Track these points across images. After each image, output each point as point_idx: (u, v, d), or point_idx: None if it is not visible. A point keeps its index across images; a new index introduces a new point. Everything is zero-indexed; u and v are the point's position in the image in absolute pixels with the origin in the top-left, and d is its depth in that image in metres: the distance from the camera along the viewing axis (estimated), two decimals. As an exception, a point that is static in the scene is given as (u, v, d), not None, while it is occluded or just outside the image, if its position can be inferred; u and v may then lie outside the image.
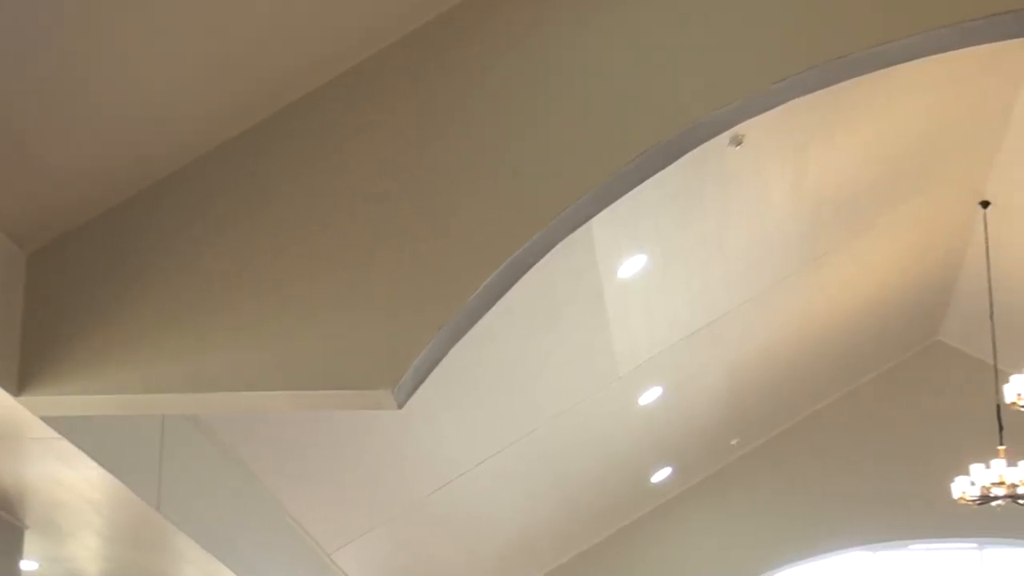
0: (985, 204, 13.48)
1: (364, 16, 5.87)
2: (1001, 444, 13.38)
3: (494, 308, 6.06)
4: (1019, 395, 10.53)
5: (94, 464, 6.92)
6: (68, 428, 6.52)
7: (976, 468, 13.10)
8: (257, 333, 5.75)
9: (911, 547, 17.12)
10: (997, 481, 12.90)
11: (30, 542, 8.07)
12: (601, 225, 9.42)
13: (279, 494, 10.11)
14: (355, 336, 5.70)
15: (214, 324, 5.76)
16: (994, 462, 13.03)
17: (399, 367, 5.63)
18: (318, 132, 5.93)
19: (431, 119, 5.87)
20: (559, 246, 6.06)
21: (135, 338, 5.76)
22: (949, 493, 13.40)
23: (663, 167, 5.98)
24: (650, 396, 13.39)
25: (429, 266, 5.74)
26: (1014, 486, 12.84)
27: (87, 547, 8.52)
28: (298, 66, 5.88)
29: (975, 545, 16.94)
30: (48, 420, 6.24)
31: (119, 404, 5.91)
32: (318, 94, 5.95)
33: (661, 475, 15.92)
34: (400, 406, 5.79)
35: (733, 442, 16.45)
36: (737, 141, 9.65)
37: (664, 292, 11.55)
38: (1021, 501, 12.92)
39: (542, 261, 6.07)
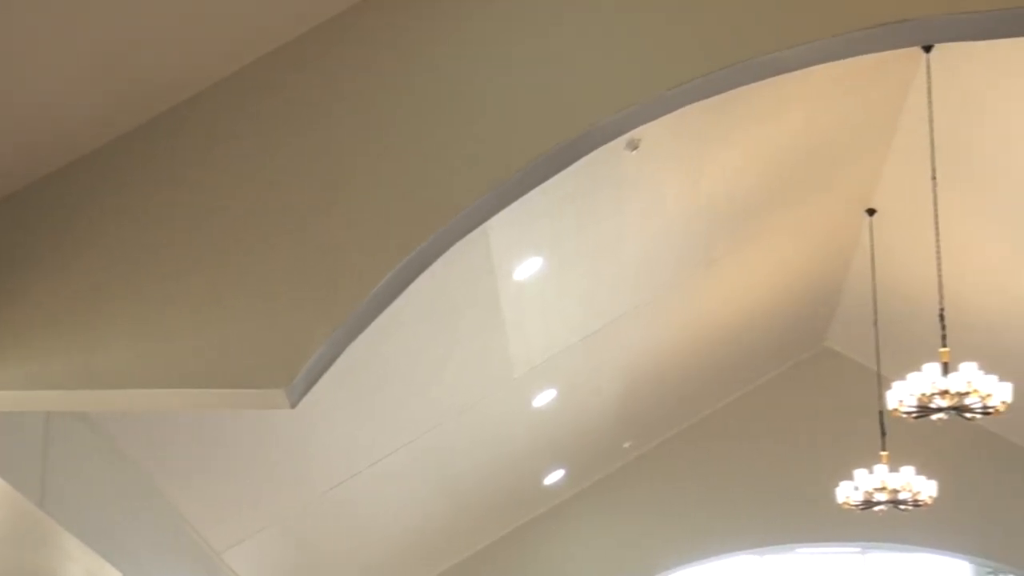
0: (871, 212, 13.67)
1: (261, 12, 5.84)
2: (884, 450, 13.63)
3: (389, 308, 6.06)
4: (901, 402, 10.73)
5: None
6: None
7: (860, 473, 13.29)
8: (147, 330, 5.69)
9: (797, 550, 17.38)
10: (880, 486, 13.10)
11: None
12: (497, 227, 9.46)
13: (170, 492, 10.01)
14: (248, 334, 5.67)
15: (103, 320, 5.70)
16: (877, 468, 13.24)
17: (292, 366, 5.61)
18: (211, 128, 5.90)
19: (327, 116, 5.87)
20: (456, 247, 6.08)
21: (20, 334, 5.68)
22: (834, 498, 13.60)
23: (559, 170, 6.03)
24: (544, 398, 13.45)
25: (324, 265, 5.73)
26: (895, 491, 13.04)
27: (-33, 545, 8.37)
28: (189, 63, 5.83)
29: (858, 549, 17.24)
30: (-74, 416, 6.14)
31: (3, 401, 5.82)
32: (212, 90, 5.91)
33: (554, 477, 16.00)
34: (293, 406, 5.77)
35: (626, 445, 16.58)
36: (633, 145, 9.74)
37: (559, 295, 11.61)
38: (902, 506, 13.14)
39: (438, 262, 6.09)
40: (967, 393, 10.49)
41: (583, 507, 17.02)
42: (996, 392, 10.51)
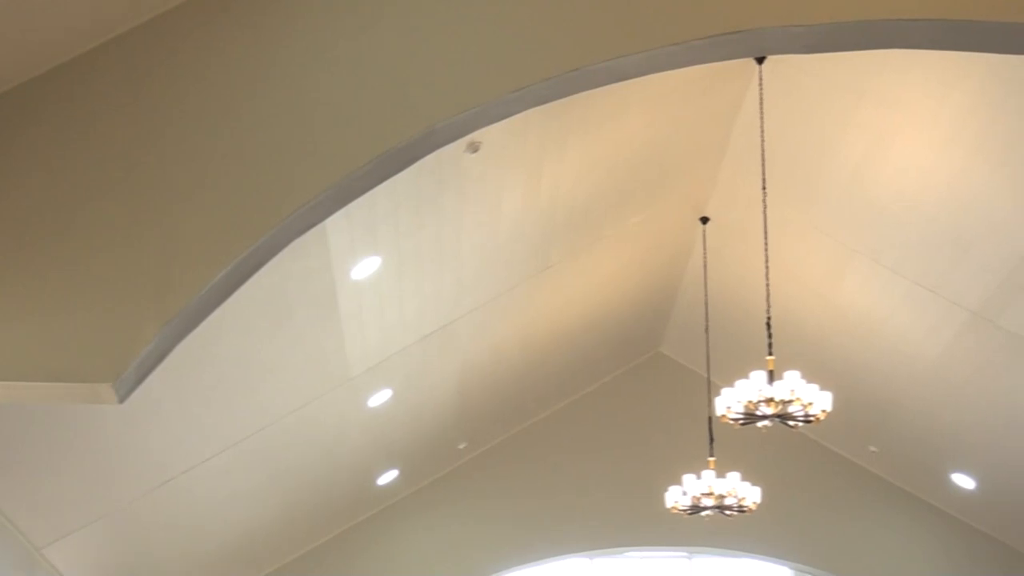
0: (705, 220, 13.92)
1: (80, 11, 5.73)
2: (712, 456, 13.88)
3: (224, 305, 6.01)
4: (728, 408, 10.94)
5: None
6: None
7: (688, 479, 13.50)
8: (-27, 320, 5.56)
9: (626, 554, 17.61)
10: (707, 492, 13.32)
11: None
12: (336, 226, 9.42)
13: (-11, 488, 9.75)
14: (77, 329, 5.59)
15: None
16: (705, 473, 13.46)
17: (121, 362, 5.54)
18: (36, 124, 5.78)
19: (162, 112, 5.80)
20: (292, 246, 6.06)
21: None
22: (663, 502, 13.80)
23: (399, 171, 6.05)
24: (380, 398, 13.42)
25: (157, 261, 5.66)
26: (722, 497, 13.27)
27: None
28: (11, 58, 5.70)
29: (685, 554, 17.54)
30: None
31: None
32: (41, 82, 5.79)
33: (388, 477, 15.97)
34: (121, 401, 5.69)
35: (461, 446, 16.62)
36: (474, 148, 9.78)
37: (397, 295, 11.60)
38: (728, 512, 13.39)
39: (275, 260, 6.06)
40: (790, 401, 10.74)
41: (416, 508, 17.03)
42: (817, 401, 10.77)
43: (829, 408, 10.84)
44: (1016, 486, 15.27)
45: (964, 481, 15.95)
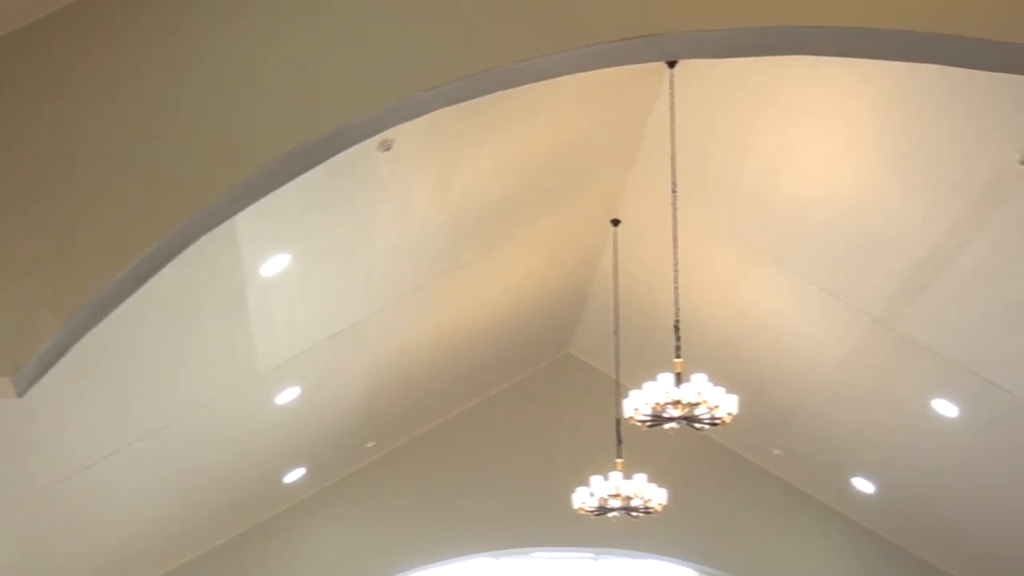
0: (616, 222, 14.00)
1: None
2: (619, 457, 13.96)
3: (131, 299, 5.95)
4: (636, 410, 11.01)
5: None
6: None
7: (596, 480, 13.56)
8: None
9: (533, 554, 17.66)
10: (614, 493, 13.39)
11: None
12: (246, 222, 9.36)
13: None
14: (-25, 320, 5.50)
15: None
16: (612, 474, 13.53)
17: (21, 355, 5.47)
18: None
19: (72, 101, 5.73)
20: (201, 241, 6.01)
21: None
22: (571, 503, 13.85)
23: (310, 167, 6.03)
24: (288, 395, 13.35)
25: (61, 254, 5.59)
26: (628, 498, 13.35)
27: None
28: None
29: (592, 554, 17.63)
30: None
31: None
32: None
33: (295, 475, 15.88)
34: (20, 395, 5.62)
35: (369, 444, 16.58)
36: (386, 147, 9.77)
37: (307, 292, 11.55)
38: (634, 513, 13.47)
39: (183, 255, 6.01)
40: (697, 404, 10.83)
41: (323, 506, 16.96)
42: (723, 404, 10.87)
43: (735, 411, 10.95)
44: (913, 491, 15.53)
45: (864, 485, 16.19)
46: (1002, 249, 10.84)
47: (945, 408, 13.47)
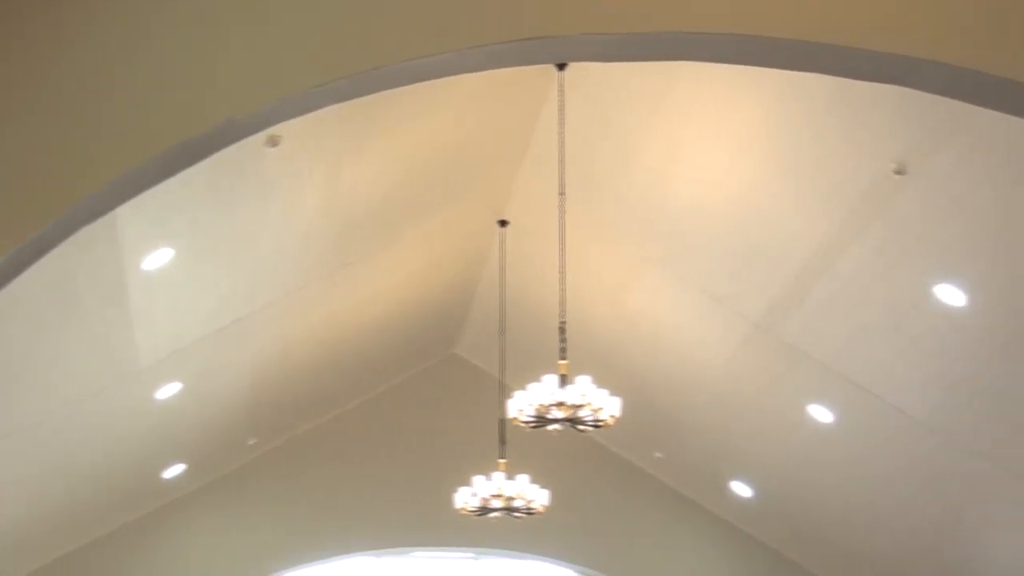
0: (504, 223, 14.04)
1: None
2: (502, 458, 14.00)
3: (7, 291, 5.85)
4: (520, 411, 11.05)
5: None
6: None
7: (478, 480, 13.59)
8: None
9: (414, 553, 17.64)
10: (496, 493, 13.42)
11: None
12: (128, 215, 9.23)
13: None
14: None
15: None
16: (495, 475, 13.57)
17: None
18: None
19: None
20: (80, 234, 5.92)
21: None
22: (453, 503, 13.85)
23: (195, 162, 5.97)
24: (169, 391, 13.19)
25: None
26: (511, 499, 13.39)
27: None
28: None
29: (473, 554, 17.66)
30: None
31: None
32: None
33: (174, 471, 15.70)
34: None
35: (251, 442, 16.44)
36: (274, 143, 9.69)
37: (190, 287, 11.42)
38: (516, 514, 13.51)
39: (62, 247, 5.91)
40: (581, 406, 10.89)
41: (202, 503, 16.79)
42: (607, 406, 10.95)
43: (618, 413, 11.03)
44: (789, 495, 15.78)
45: (742, 489, 16.41)
46: (878, 258, 11.06)
47: (821, 414, 13.71)
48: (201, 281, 11.48)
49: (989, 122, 8.63)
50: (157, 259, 10.44)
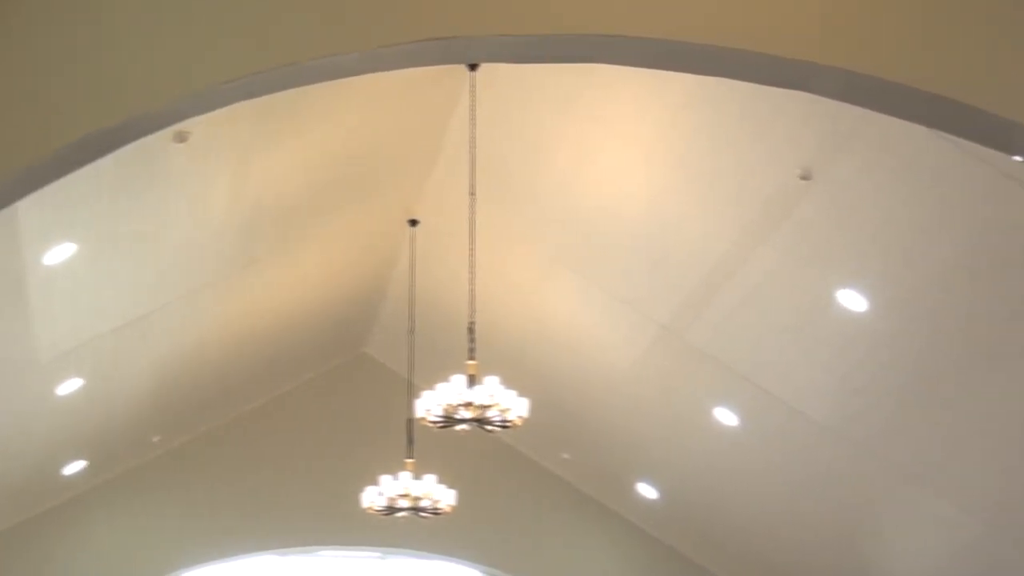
0: (414, 223, 14.00)
1: None
2: (410, 457, 13.98)
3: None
4: (428, 411, 11.05)
5: None
6: None
7: (385, 479, 13.56)
8: None
9: (320, 553, 17.55)
10: (403, 493, 13.40)
11: None
12: (28, 210, 9.07)
13: None
14: None
15: None
16: (402, 475, 13.55)
17: None
18: None
19: None
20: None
21: None
22: (359, 502, 13.80)
23: (97, 157, 5.87)
24: (70, 386, 13.00)
25: None
26: (418, 499, 13.38)
27: None
28: None
29: (379, 554, 17.61)
30: None
31: None
32: None
33: (74, 467, 15.47)
34: None
35: (155, 439, 16.25)
36: (181, 138, 9.59)
37: (93, 283, 11.26)
38: (423, 514, 13.49)
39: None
40: (489, 406, 10.91)
41: (103, 500, 16.57)
42: (515, 407, 10.98)
43: (526, 414, 11.07)
44: (693, 498, 15.91)
45: (648, 491, 16.51)
46: (783, 262, 11.18)
47: (726, 416, 13.83)
48: (104, 277, 11.33)
49: (891, 129, 8.77)
50: (59, 254, 10.28)
